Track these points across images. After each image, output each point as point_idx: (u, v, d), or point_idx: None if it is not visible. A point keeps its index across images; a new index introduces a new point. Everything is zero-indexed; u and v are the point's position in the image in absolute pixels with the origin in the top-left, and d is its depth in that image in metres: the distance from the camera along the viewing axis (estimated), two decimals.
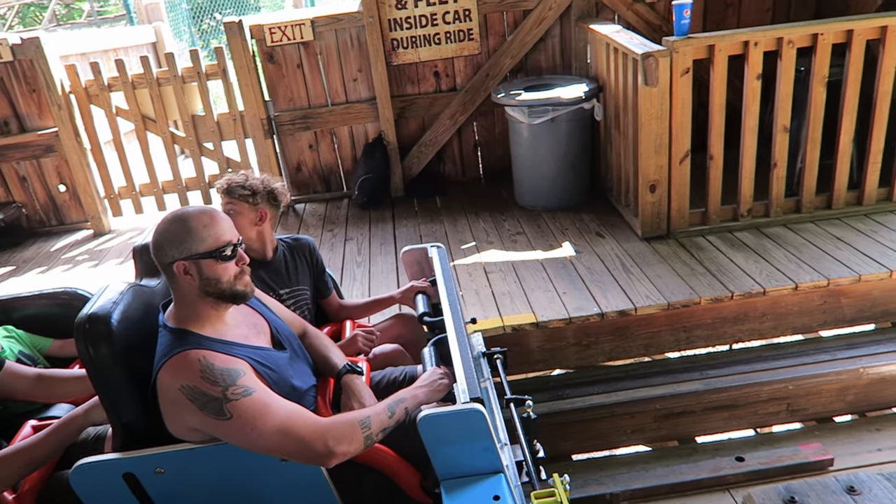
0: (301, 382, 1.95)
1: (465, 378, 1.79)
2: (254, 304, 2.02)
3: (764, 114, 3.95)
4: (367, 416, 1.76)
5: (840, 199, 4.03)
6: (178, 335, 1.75)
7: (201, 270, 1.75)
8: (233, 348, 1.78)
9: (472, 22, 4.77)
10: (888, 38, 3.64)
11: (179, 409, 1.68)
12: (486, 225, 4.58)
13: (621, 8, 4.76)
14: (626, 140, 4.06)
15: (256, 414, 1.65)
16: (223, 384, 1.66)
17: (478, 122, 5.17)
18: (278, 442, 1.66)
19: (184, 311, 1.79)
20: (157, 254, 1.77)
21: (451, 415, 1.65)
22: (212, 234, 1.76)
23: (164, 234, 1.76)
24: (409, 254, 2.71)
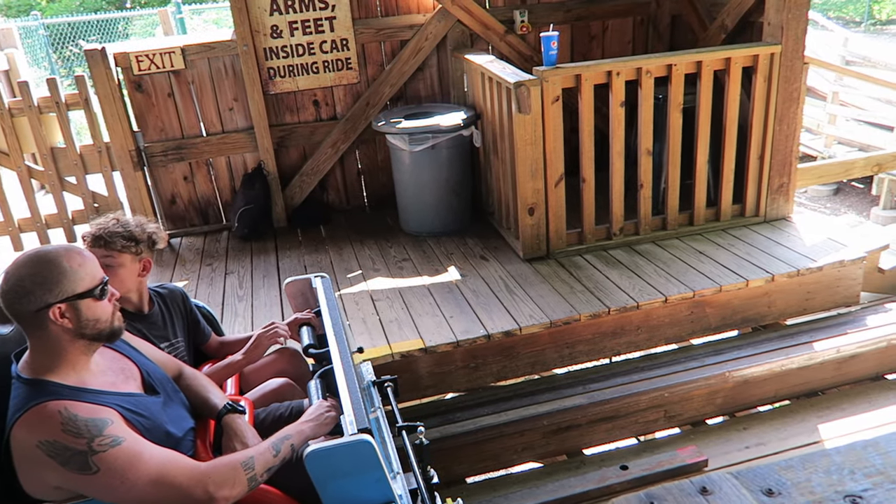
0: (176, 427, 1.85)
1: (353, 409, 1.76)
2: (121, 348, 1.91)
3: (630, 138, 4.21)
4: (251, 457, 1.70)
5: (700, 216, 4.35)
6: (34, 386, 1.61)
7: (80, 313, 1.65)
8: (99, 396, 1.66)
9: (350, 51, 4.79)
10: (732, 68, 4.00)
11: (38, 468, 1.55)
12: (371, 252, 4.56)
13: (494, 39, 4.95)
14: (505, 165, 4.19)
15: (127, 465, 1.55)
16: (88, 435, 1.54)
17: (360, 150, 5.17)
18: (153, 493, 1.57)
19: (44, 360, 1.65)
20: (20, 301, 1.61)
21: (339, 448, 1.62)
22: (88, 272, 1.67)
23: (28, 278, 1.61)
24: (292, 285, 2.64)
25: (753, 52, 3.99)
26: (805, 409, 3.55)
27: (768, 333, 3.80)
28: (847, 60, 12.69)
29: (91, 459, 1.52)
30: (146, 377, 1.89)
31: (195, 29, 12.93)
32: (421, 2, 4.87)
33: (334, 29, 4.70)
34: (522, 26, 4.99)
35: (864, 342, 3.62)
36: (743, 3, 4.36)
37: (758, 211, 4.40)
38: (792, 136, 4.23)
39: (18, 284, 1.61)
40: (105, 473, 1.53)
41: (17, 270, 1.63)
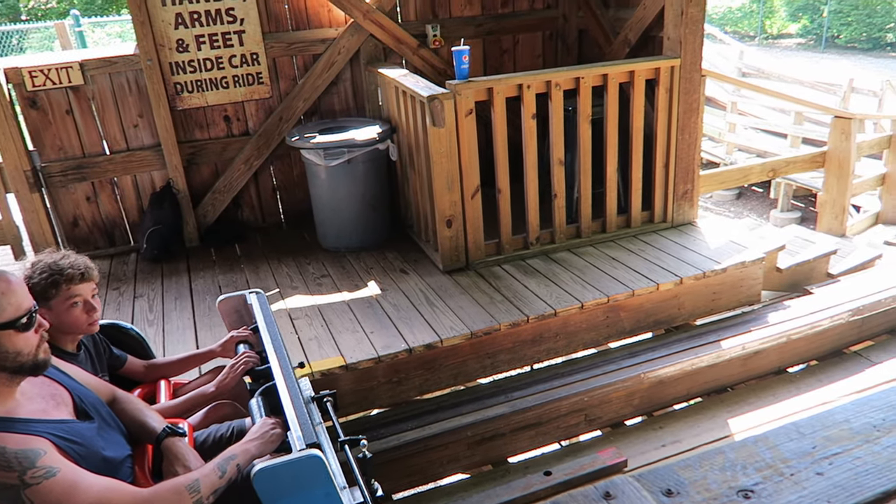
0: (114, 453, 1.77)
1: (299, 424, 1.74)
2: (51, 373, 1.79)
3: (543, 149, 4.31)
4: (195, 480, 1.66)
5: (612, 223, 4.49)
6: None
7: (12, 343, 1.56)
8: (29, 425, 1.57)
9: (261, 65, 4.69)
10: (636, 81, 4.17)
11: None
12: (289, 270, 4.46)
13: (407, 53, 4.97)
14: (422, 178, 4.20)
15: (63, 497, 1.48)
16: (19, 468, 1.46)
17: (275, 166, 5.07)
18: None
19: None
20: None
21: (288, 464, 1.60)
22: (12, 301, 1.57)
23: None
24: (225, 302, 2.57)
25: (655, 66, 4.17)
26: (716, 406, 3.71)
27: (679, 334, 3.95)
28: (743, 72, 13.48)
29: (24, 494, 1.44)
30: (78, 402, 1.79)
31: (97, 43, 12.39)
32: (333, 16, 4.84)
33: (244, 43, 4.60)
34: (435, 40, 5.04)
35: (767, 338, 3.82)
36: (644, 19, 4.56)
37: (665, 217, 4.58)
38: (694, 145, 4.44)
39: None
40: (40, 496, 1.46)
41: None
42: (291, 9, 4.77)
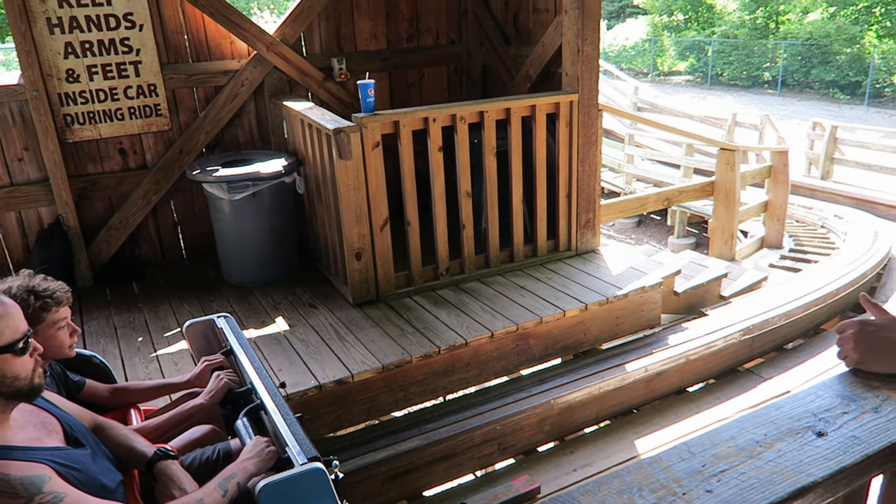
0: (108, 479, 1.76)
1: (297, 440, 1.78)
2: (37, 401, 1.76)
3: (452, 181, 4.36)
4: (200, 500, 1.69)
5: (519, 252, 4.59)
6: None
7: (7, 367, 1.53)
8: (28, 453, 1.54)
9: (160, 97, 4.54)
10: (537, 114, 4.32)
11: None
12: (191, 308, 4.28)
13: (313, 86, 4.95)
14: (329, 211, 4.16)
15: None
16: (26, 495, 1.43)
17: (176, 200, 4.88)
18: None
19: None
20: None
21: (293, 478, 1.62)
22: (10, 325, 1.54)
23: None
24: (192, 328, 2.54)
25: (555, 100, 4.34)
26: (623, 427, 3.82)
27: (586, 359, 4.06)
28: (638, 106, 14.25)
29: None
30: (68, 430, 1.76)
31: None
32: (235, 48, 4.76)
33: (140, 74, 4.44)
34: (341, 73, 5.04)
35: (667, 360, 3.98)
36: (543, 56, 4.74)
37: (570, 245, 4.73)
38: (594, 176, 4.62)
39: None
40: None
41: None
42: (192, 40, 4.66)
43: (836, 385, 1.13)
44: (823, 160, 10.22)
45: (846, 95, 19.43)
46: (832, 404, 1.08)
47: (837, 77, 19.59)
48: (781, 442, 0.99)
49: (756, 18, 22.52)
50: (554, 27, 4.58)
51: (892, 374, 1.13)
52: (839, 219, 7.50)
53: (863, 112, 17.79)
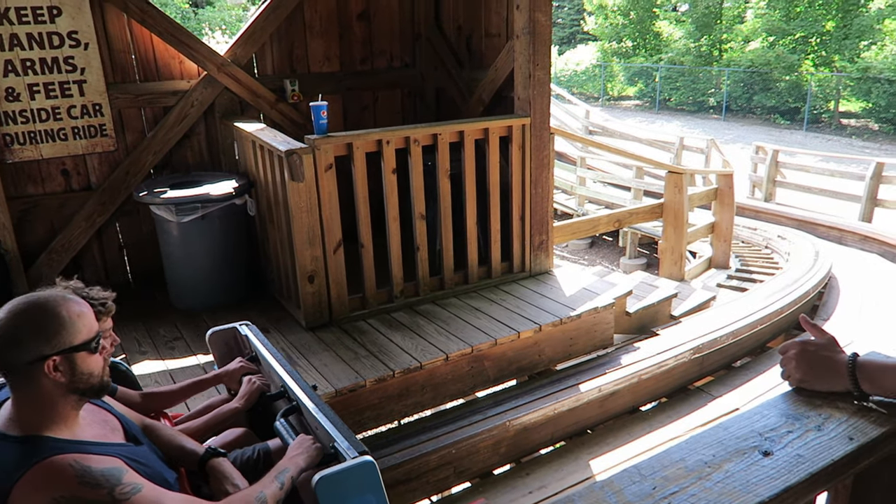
0: (168, 475, 1.82)
1: (344, 436, 1.88)
2: (97, 401, 1.83)
3: (406, 203, 4.35)
4: (261, 492, 1.74)
5: (474, 274, 4.60)
6: (29, 444, 1.50)
7: (74, 366, 1.57)
8: (101, 447, 1.60)
9: (105, 117, 4.42)
10: (490, 137, 4.36)
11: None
12: (137, 334, 4.15)
13: (265, 107, 4.90)
14: (282, 233, 4.10)
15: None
16: (108, 485, 1.48)
17: (121, 223, 4.74)
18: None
19: (34, 416, 1.54)
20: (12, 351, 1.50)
21: (347, 470, 1.72)
22: (86, 323, 1.60)
23: (24, 328, 1.51)
24: (215, 336, 2.64)
25: (507, 124, 4.39)
26: (578, 448, 3.83)
27: (541, 380, 4.07)
28: (590, 130, 14.55)
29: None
30: (127, 428, 1.83)
31: None
32: (185, 68, 4.69)
33: (85, 93, 4.32)
34: (294, 95, 5.01)
35: (620, 379, 4.02)
36: (496, 80, 4.81)
37: (524, 266, 4.76)
38: (546, 198, 4.68)
39: (12, 333, 1.51)
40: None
41: (12, 318, 1.52)
42: (139, 59, 4.57)
43: (781, 404, 1.15)
44: (766, 183, 10.60)
45: (786, 121, 20.24)
46: (777, 423, 1.09)
47: (778, 103, 20.40)
48: (729, 462, 1.00)
49: (701, 46, 23.34)
50: (506, 52, 4.66)
51: (833, 391, 1.15)
52: (782, 239, 7.75)
53: (802, 137, 18.55)
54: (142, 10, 4.41)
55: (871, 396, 1.13)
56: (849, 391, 1.14)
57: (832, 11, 19.90)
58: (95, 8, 4.29)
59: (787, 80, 20.02)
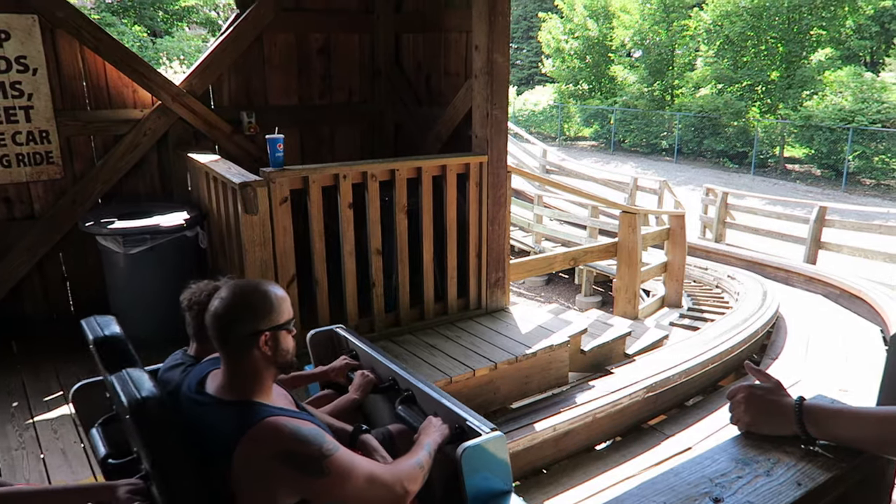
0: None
1: (472, 415, 2.13)
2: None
3: (363, 238, 4.32)
4: (420, 459, 1.92)
5: (430, 310, 4.56)
6: (246, 407, 1.72)
7: (279, 342, 1.80)
8: (296, 414, 1.80)
9: (52, 144, 4.29)
10: (448, 174, 4.37)
11: (270, 480, 1.64)
12: (77, 368, 3.96)
13: (221, 138, 4.84)
14: (233, 267, 4.01)
15: (349, 466, 1.71)
16: (316, 443, 1.67)
17: (66, 253, 4.58)
18: (367, 490, 1.74)
19: (246, 384, 1.76)
20: (235, 324, 1.74)
21: (486, 442, 2.00)
22: (286, 306, 1.82)
23: (245, 305, 1.77)
24: (315, 338, 2.86)
25: (465, 161, 4.42)
26: (533, 488, 3.77)
27: (497, 419, 4.02)
28: (547, 169, 14.79)
29: (324, 464, 1.65)
30: (296, 402, 1.98)
31: None
32: (138, 97, 4.60)
33: (31, 119, 4.20)
34: (251, 127, 4.96)
35: (575, 418, 4.00)
36: (454, 118, 4.85)
37: (480, 303, 4.75)
38: (503, 235, 4.70)
39: (235, 309, 1.75)
40: (335, 475, 1.67)
41: (235, 297, 1.77)
42: (91, 86, 4.47)
43: (731, 448, 1.14)
44: (716, 224, 10.90)
45: (735, 164, 20.95)
46: (727, 468, 1.08)
47: (727, 147, 21.13)
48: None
49: (654, 91, 24.11)
50: (464, 91, 4.71)
51: (781, 435, 1.15)
52: (732, 279, 7.94)
53: (749, 180, 19.21)
54: (95, 37, 4.33)
55: (818, 441, 1.13)
56: (796, 435, 1.14)
57: (776, 62, 20.82)
58: (46, 34, 4.20)
59: (735, 125, 20.78)
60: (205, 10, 22.45)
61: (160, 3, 20.58)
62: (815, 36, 20.50)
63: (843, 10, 20.00)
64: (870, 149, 17.73)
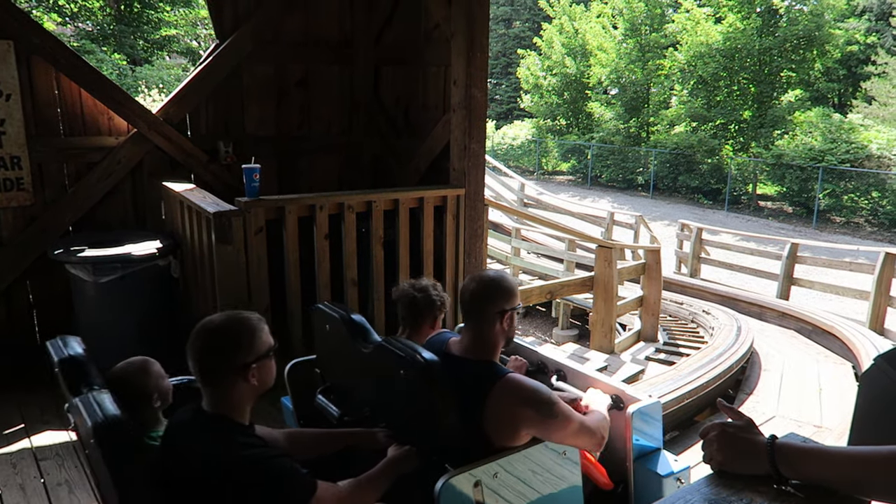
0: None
1: (625, 387, 2.50)
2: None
3: (339, 268, 4.28)
4: (604, 416, 2.26)
5: None
6: (494, 366, 2.15)
7: (512, 321, 2.20)
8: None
9: (23, 170, 4.22)
10: (425, 206, 4.37)
11: (518, 420, 2.03)
12: (40, 401, 3.85)
13: (197, 167, 4.80)
14: (206, 297, 3.94)
15: (568, 413, 2.09)
16: (546, 393, 2.07)
17: (33, 281, 4.47)
18: (580, 433, 2.12)
19: (488, 349, 2.19)
20: (494, 301, 2.16)
21: (651, 406, 2.38)
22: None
23: (504, 288, 2.18)
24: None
25: (442, 193, 4.43)
26: None
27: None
28: (524, 202, 14.90)
29: (554, 409, 2.05)
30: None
31: None
32: (114, 124, 4.56)
33: (3, 145, 4.12)
34: (228, 156, 4.93)
35: None
36: (432, 150, 4.87)
37: None
38: (479, 268, 4.69)
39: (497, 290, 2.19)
40: (560, 419, 2.06)
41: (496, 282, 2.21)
42: (65, 113, 4.42)
43: (704, 488, 1.12)
44: (691, 259, 11.02)
45: (709, 201, 21.30)
46: None
47: (701, 184, 21.50)
48: None
49: (630, 127, 24.55)
50: (443, 124, 4.75)
51: (754, 475, 1.14)
52: (707, 314, 8.00)
53: (723, 216, 19.51)
54: (72, 64, 4.31)
55: (790, 480, 1.12)
56: (769, 474, 1.13)
57: (748, 102, 21.35)
58: (22, 60, 4.16)
59: (709, 162, 21.19)
60: (185, 40, 22.52)
61: (140, 32, 20.59)
62: (786, 77, 21.10)
63: (811, 53, 20.64)
64: (839, 187, 18.16)
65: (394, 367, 2.04)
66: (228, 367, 1.77)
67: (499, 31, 35.51)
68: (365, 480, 1.95)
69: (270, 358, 1.87)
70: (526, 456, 2.07)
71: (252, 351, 1.79)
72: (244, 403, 1.83)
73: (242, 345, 1.79)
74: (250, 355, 1.78)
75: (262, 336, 1.84)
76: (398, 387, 2.07)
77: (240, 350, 1.78)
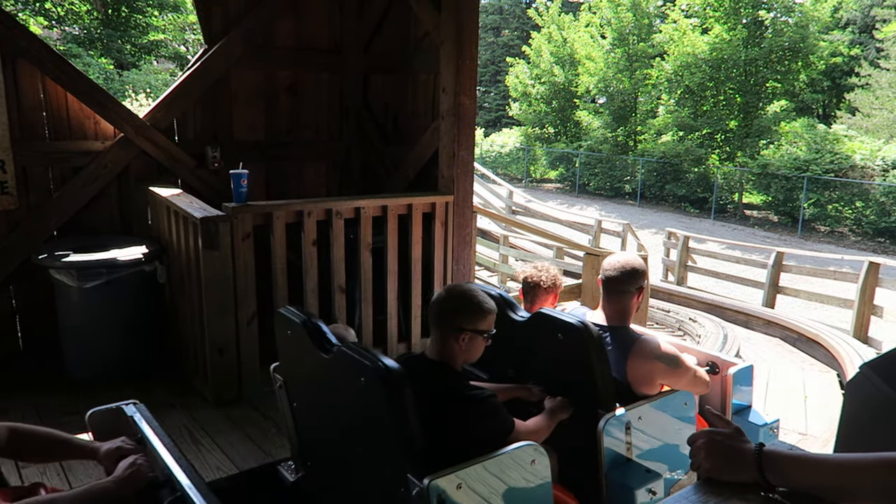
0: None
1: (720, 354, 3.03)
2: None
3: (326, 275, 4.27)
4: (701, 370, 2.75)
5: (393, 349, 4.51)
6: (630, 331, 2.64)
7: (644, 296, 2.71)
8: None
9: (7, 174, 4.18)
10: (414, 213, 4.37)
11: (654, 373, 2.54)
12: (23, 408, 3.79)
13: (184, 172, 4.77)
14: (192, 303, 3.92)
15: (688, 363, 2.61)
16: (672, 350, 2.58)
17: (16, 287, 4.42)
18: (697, 381, 2.64)
19: (623, 316, 2.67)
20: (630, 280, 2.65)
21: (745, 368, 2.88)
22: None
23: (638, 269, 2.67)
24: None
25: (431, 200, 4.43)
26: None
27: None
28: (513, 209, 14.95)
29: (678, 361, 2.55)
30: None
31: None
32: (100, 129, 4.53)
33: None
34: (215, 161, 4.91)
35: None
36: (421, 157, 4.88)
37: None
38: (468, 275, 4.69)
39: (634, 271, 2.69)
40: (683, 369, 2.57)
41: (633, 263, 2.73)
42: (51, 117, 4.38)
43: (692, 496, 1.13)
44: (678, 267, 11.08)
45: (695, 209, 21.47)
46: None
47: (688, 192, 21.68)
48: None
49: (617, 136, 24.72)
50: (431, 131, 4.75)
51: (741, 482, 1.15)
52: (693, 322, 8.03)
53: (710, 225, 19.67)
54: (58, 67, 4.27)
55: (777, 487, 1.12)
56: (756, 482, 1.13)
57: (734, 112, 21.56)
58: (7, 63, 4.13)
59: (695, 171, 21.37)
60: (174, 45, 22.43)
61: (128, 36, 20.49)
62: (771, 88, 21.34)
63: (796, 64, 20.89)
64: (824, 196, 18.37)
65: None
66: (450, 323, 2.16)
67: (488, 39, 35.70)
68: (541, 420, 2.36)
69: (483, 338, 2.20)
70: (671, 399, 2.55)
71: (470, 322, 2.16)
72: (457, 358, 2.20)
73: (465, 313, 2.16)
74: (468, 324, 2.15)
75: (487, 317, 2.20)
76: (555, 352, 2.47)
77: (459, 315, 2.16)
